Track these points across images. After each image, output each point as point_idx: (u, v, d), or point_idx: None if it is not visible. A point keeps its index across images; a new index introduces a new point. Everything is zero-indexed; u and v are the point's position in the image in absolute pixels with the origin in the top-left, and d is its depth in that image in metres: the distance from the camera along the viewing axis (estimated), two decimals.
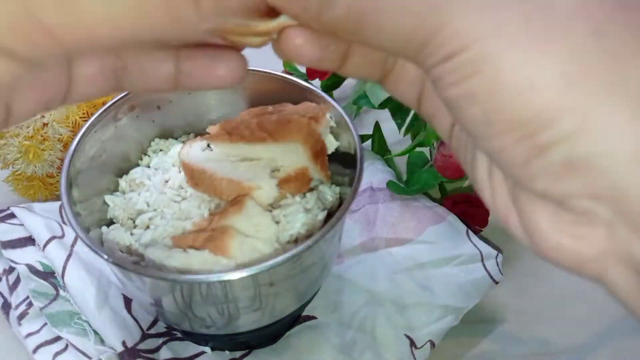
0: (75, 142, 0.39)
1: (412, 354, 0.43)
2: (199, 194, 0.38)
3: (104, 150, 0.41)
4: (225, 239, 0.34)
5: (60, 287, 0.44)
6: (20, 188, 0.52)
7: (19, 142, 0.47)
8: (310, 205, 0.38)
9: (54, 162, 0.49)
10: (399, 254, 0.48)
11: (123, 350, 0.41)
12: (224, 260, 0.34)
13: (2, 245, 0.46)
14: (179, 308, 0.36)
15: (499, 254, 0.48)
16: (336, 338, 0.44)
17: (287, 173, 0.37)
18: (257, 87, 0.44)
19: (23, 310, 0.44)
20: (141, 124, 0.43)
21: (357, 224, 0.50)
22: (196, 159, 0.37)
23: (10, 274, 0.46)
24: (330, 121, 0.39)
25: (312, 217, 0.37)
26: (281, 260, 0.32)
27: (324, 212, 0.39)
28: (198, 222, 0.36)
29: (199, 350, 0.43)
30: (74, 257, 0.45)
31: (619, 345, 0.47)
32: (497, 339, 0.47)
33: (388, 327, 0.44)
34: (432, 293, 0.46)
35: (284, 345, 0.43)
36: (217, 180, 0.36)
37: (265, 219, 0.36)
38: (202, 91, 0.44)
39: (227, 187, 0.36)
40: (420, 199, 0.51)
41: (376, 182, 0.52)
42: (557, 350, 0.47)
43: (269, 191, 0.37)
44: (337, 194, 0.41)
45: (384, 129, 0.58)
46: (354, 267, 0.47)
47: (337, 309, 0.45)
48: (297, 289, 0.38)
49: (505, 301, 0.50)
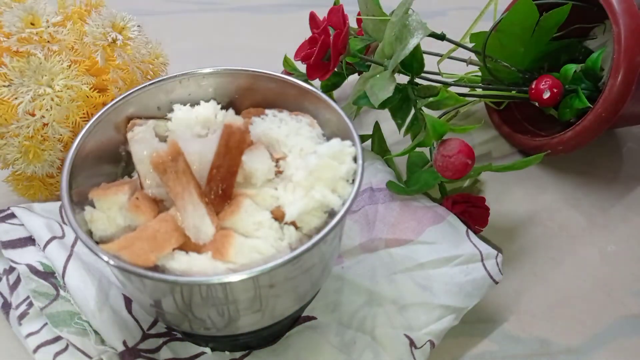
0: (76, 143, 0.39)
1: (412, 354, 0.43)
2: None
3: (104, 150, 0.41)
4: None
5: (60, 287, 0.44)
6: (20, 188, 0.52)
7: (19, 142, 0.47)
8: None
9: (54, 162, 0.49)
10: (398, 254, 0.48)
11: (124, 350, 0.41)
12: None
13: (2, 245, 0.46)
14: (179, 309, 0.36)
15: (499, 254, 0.48)
16: (336, 338, 0.44)
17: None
18: (257, 87, 0.44)
19: (23, 310, 0.44)
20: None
21: (357, 225, 0.50)
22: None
23: (10, 274, 0.46)
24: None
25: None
26: (281, 262, 0.32)
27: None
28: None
29: (199, 350, 0.43)
30: (75, 258, 0.45)
31: (619, 345, 0.47)
32: (497, 339, 0.47)
33: (388, 327, 0.44)
34: (432, 293, 0.46)
35: (283, 346, 0.43)
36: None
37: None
38: (202, 98, 0.44)
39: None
40: (420, 199, 0.51)
41: (376, 182, 0.52)
42: (557, 350, 0.47)
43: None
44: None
45: (384, 129, 0.58)
46: (354, 268, 0.47)
47: (337, 309, 0.45)
48: (298, 290, 0.38)
49: (505, 301, 0.50)
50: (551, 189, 0.60)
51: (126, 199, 0.37)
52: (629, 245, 0.55)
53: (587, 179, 0.61)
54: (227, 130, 0.36)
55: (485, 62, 0.55)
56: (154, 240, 0.34)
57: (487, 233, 0.54)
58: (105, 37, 0.48)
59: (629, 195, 0.60)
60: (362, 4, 0.55)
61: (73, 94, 0.47)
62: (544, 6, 0.55)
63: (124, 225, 0.37)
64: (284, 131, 0.41)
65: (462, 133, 0.50)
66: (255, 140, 0.40)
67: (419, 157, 0.54)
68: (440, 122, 0.47)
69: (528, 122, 0.63)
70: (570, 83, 0.56)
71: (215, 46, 0.77)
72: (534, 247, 0.54)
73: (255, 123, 0.41)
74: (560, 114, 0.57)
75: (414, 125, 0.52)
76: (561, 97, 0.56)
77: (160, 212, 0.37)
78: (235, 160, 0.37)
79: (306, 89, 0.42)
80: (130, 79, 0.51)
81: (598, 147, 0.64)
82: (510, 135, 0.63)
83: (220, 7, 0.86)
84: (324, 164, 0.37)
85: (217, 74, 0.44)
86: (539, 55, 0.58)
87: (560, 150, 0.56)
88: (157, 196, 0.38)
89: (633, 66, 0.51)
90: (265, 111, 0.43)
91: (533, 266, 0.53)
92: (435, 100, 0.49)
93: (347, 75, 0.62)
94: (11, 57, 0.45)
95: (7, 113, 0.46)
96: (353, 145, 0.39)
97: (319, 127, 0.42)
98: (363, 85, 0.51)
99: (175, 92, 0.44)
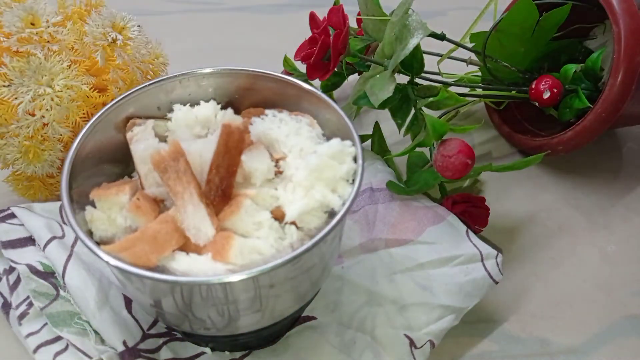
0: (76, 143, 0.39)
1: (412, 354, 0.43)
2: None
3: (104, 150, 0.41)
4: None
5: (60, 287, 0.44)
6: (20, 188, 0.52)
7: (19, 142, 0.47)
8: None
9: (54, 162, 0.49)
10: (398, 254, 0.48)
11: (124, 350, 0.41)
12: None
13: (2, 245, 0.46)
14: (179, 310, 0.36)
15: (499, 254, 0.48)
16: (336, 338, 0.44)
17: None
18: (257, 87, 0.44)
19: (23, 310, 0.44)
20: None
21: (357, 225, 0.50)
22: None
23: (10, 274, 0.46)
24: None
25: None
26: (281, 262, 0.32)
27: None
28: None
29: (199, 350, 0.43)
30: (75, 258, 0.45)
31: (619, 345, 0.47)
32: (497, 339, 0.47)
33: (388, 327, 0.44)
34: (432, 293, 0.46)
35: (283, 346, 0.43)
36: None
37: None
38: (202, 98, 0.44)
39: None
40: (420, 199, 0.51)
41: (376, 182, 0.52)
42: (557, 350, 0.47)
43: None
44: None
45: (384, 129, 0.58)
46: (354, 268, 0.47)
47: (337, 309, 0.45)
48: (298, 290, 0.38)
49: (505, 301, 0.50)
50: (551, 189, 0.60)
51: (127, 199, 0.37)
52: (629, 245, 0.55)
53: (587, 179, 0.61)
54: (226, 130, 0.36)
55: (485, 62, 0.55)
56: (154, 241, 0.34)
57: (487, 233, 0.54)
58: (105, 37, 0.48)
59: (629, 195, 0.60)
60: (362, 4, 0.55)
61: (73, 94, 0.47)
62: (544, 6, 0.55)
63: (124, 225, 0.37)
64: (284, 131, 0.41)
65: (462, 133, 0.50)
66: (255, 141, 0.40)
67: (419, 157, 0.54)
68: (440, 122, 0.47)
69: (528, 122, 0.63)
70: (570, 83, 0.56)
71: (215, 46, 0.77)
72: (534, 247, 0.54)
73: (255, 123, 0.41)
74: (560, 114, 0.57)
75: (414, 125, 0.52)
76: (561, 97, 0.56)
77: (161, 213, 0.37)
78: (235, 159, 0.37)
79: (306, 89, 0.42)
80: (130, 79, 0.51)
81: (598, 147, 0.64)
82: (510, 135, 0.63)
83: (220, 7, 0.86)
84: (324, 164, 0.37)
85: (217, 74, 0.44)
86: (539, 55, 0.58)
87: (560, 150, 0.56)
88: (157, 196, 0.38)
89: (633, 66, 0.51)
90: (265, 111, 0.43)
91: (533, 266, 0.53)
92: (435, 100, 0.49)
93: (347, 75, 0.62)
94: (11, 57, 0.45)
95: (7, 113, 0.46)
96: (353, 145, 0.39)
97: (319, 127, 0.42)
98: (363, 85, 0.51)
99: (175, 92, 0.44)
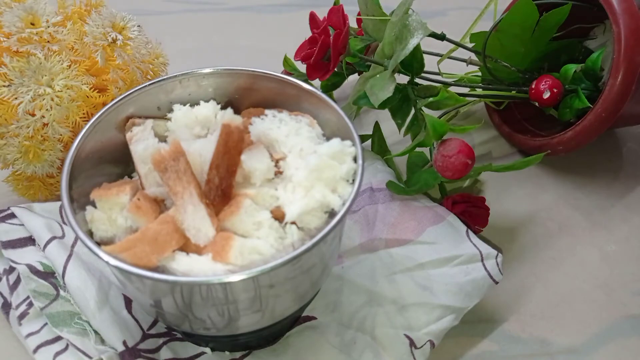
0: (76, 143, 0.39)
1: (412, 354, 0.43)
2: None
3: (104, 150, 0.41)
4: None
5: (60, 287, 0.44)
6: (20, 188, 0.52)
7: (19, 142, 0.47)
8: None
9: (54, 162, 0.49)
10: (398, 254, 0.48)
11: (124, 350, 0.41)
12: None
13: (2, 245, 0.46)
14: (179, 310, 0.36)
15: (499, 254, 0.48)
16: (336, 338, 0.44)
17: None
18: (257, 87, 0.44)
19: (23, 310, 0.44)
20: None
21: (357, 225, 0.50)
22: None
23: (10, 274, 0.46)
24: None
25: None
26: (281, 262, 0.32)
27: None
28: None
29: (199, 350, 0.43)
30: (75, 258, 0.45)
31: (619, 345, 0.47)
32: (497, 339, 0.47)
33: (388, 327, 0.44)
34: (432, 293, 0.46)
35: (283, 346, 0.43)
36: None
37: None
38: (202, 98, 0.44)
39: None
40: (420, 199, 0.51)
41: (376, 182, 0.52)
42: (557, 350, 0.47)
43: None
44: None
45: (384, 129, 0.58)
46: (354, 268, 0.47)
47: (337, 309, 0.45)
48: (298, 290, 0.38)
49: (505, 301, 0.50)
50: (551, 189, 0.60)
51: (127, 199, 0.37)
52: (629, 245, 0.55)
53: (587, 179, 0.61)
54: (225, 130, 0.36)
55: (485, 62, 0.55)
56: (155, 242, 0.34)
57: (487, 233, 0.54)
58: (105, 37, 0.48)
59: (629, 195, 0.60)
60: (362, 4, 0.55)
61: (73, 94, 0.47)
62: (544, 6, 0.55)
63: (125, 226, 0.37)
64: (284, 131, 0.41)
65: (462, 133, 0.50)
66: (255, 140, 0.40)
67: (419, 157, 0.54)
68: (440, 122, 0.47)
69: (528, 122, 0.63)
70: (570, 83, 0.56)
71: (215, 46, 0.77)
72: (534, 247, 0.54)
73: (255, 123, 0.41)
74: (560, 114, 0.57)
75: (414, 125, 0.52)
76: (561, 97, 0.56)
77: (161, 213, 0.37)
78: (234, 159, 0.37)
79: (306, 89, 0.42)
80: (130, 79, 0.51)
81: (598, 147, 0.64)
82: (510, 135, 0.63)
83: (220, 7, 0.86)
84: (324, 164, 0.37)
85: (217, 74, 0.44)
86: (539, 55, 0.58)
87: (560, 150, 0.56)
88: (157, 196, 0.38)
89: (633, 66, 0.51)
90: (265, 111, 0.43)
91: (533, 266, 0.53)
92: (435, 100, 0.49)
93: (347, 75, 0.62)
94: (11, 57, 0.45)
95: (7, 113, 0.46)
96: (353, 145, 0.39)
97: (318, 127, 0.42)
98: (363, 85, 0.51)
99: (175, 92, 0.44)
